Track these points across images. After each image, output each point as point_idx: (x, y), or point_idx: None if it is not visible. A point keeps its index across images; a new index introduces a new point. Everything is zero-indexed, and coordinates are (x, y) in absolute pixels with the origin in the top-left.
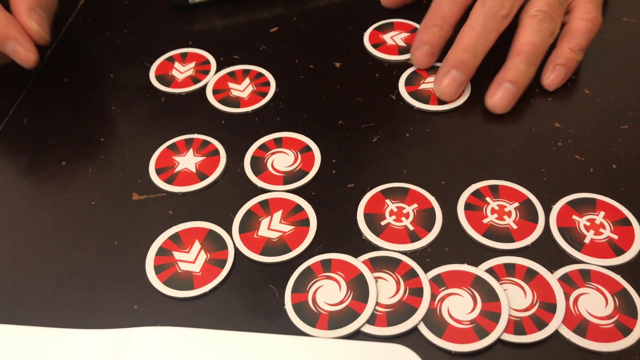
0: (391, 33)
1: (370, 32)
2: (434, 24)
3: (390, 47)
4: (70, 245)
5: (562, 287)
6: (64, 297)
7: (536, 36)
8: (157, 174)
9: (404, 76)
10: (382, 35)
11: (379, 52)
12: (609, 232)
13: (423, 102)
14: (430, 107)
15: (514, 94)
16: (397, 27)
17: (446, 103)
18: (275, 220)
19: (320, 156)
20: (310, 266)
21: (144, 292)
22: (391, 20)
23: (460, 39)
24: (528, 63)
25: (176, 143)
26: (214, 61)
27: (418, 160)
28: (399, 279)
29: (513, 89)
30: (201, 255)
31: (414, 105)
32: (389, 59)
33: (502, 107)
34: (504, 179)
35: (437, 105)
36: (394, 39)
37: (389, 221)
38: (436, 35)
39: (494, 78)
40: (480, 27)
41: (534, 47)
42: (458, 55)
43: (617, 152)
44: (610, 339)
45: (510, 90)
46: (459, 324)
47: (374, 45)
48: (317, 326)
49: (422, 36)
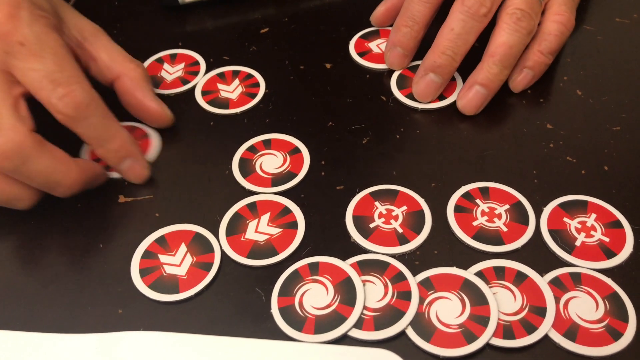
0: (377, 41)
1: (356, 41)
2: (404, 24)
3: (377, 56)
4: (55, 248)
5: (552, 291)
6: (49, 301)
7: (512, 37)
8: None
9: (394, 78)
10: (367, 43)
11: (365, 60)
12: (600, 234)
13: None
14: (432, 105)
15: (485, 97)
16: (383, 35)
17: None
18: (263, 222)
19: (309, 158)
20: (298, 269)
21: (129, 295)
22: (377, 28)
23: (439, 41)
24: (501, 66)
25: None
26: (204, 62)
27: (408, 162)
28: (387, 282)
29: (484, 91)
30: (187, 259)
31: (417, 107)
32: (375, 68)
33: (472, 110)
34: (494, 181)
35: (439, 101)
36: (380, 47)
37: (377, 224)
38: (406, 36)
39: (467, 79)
40: (459, 29)
41: (509, 49)
42: (435, 58)
43: (609, 154)
44: (600, 343)
45: (481, 93)
46: (448, 328)
47: (360, 53)
48: (304, 330)
49: (394, 37)
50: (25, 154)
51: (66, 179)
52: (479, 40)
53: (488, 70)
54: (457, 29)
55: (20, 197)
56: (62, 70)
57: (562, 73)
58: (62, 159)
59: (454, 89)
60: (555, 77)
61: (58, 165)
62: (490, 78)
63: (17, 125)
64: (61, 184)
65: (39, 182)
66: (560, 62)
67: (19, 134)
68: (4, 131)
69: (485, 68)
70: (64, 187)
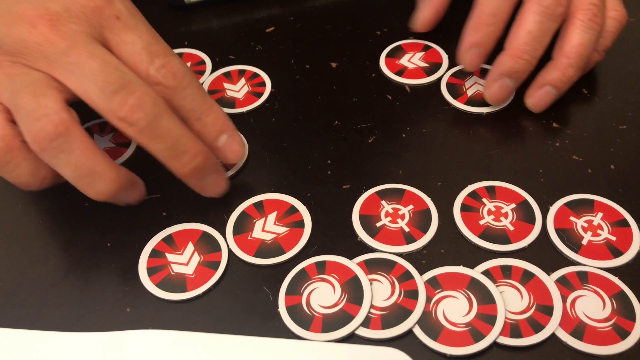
0: (406, 56)
1: (385, 61)
2: (487, 23)
3: (415, 71)
4: (63, 247)
5: (559, 290)
6: (57, 300)
7: (588, 35)
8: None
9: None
10: (397, 61)
11: (405, 79)
12: (606, 233)
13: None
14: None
15: (555, 97)
16: (407, 49)
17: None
18: (270, 221)
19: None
20: (305, 268)
21: (136, 294)
22: (398, 44)
23: (514, 44)
24: (577, 67)
25: None
26: (210, 61)
27: (414, 161)
28: (394, 281)
29: (555, 92)
30: (194, 257)
31: (482, 112)
32: (422, 83)
33: (540, 109)
34: (500, 180)
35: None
36: (412, 61)
37: (384, 223)
38: (489, 35)
39: (538, 76)
40: (536, 30)
41: (585, 50)
42: (512, 63)
43: (616, 153)
44: (607, 342)
45: (552, 93)
46: (455, 326)
47: (397, 73)
48: (311, 329)
49: (473, 38)
50: (70, 141)
51: (105, 175)
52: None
53: (563, 73)
54: (534, 31)
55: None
56: (158, 42)
57: None
58: (104, 155)
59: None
60: None
61: (100, 160)
62: (564, 80)
63: (63, 111)
64: (101, 179)
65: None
66: None
67: (64, 119)
68: (51, 115)
69: (560, 69)
70: (102, 183)
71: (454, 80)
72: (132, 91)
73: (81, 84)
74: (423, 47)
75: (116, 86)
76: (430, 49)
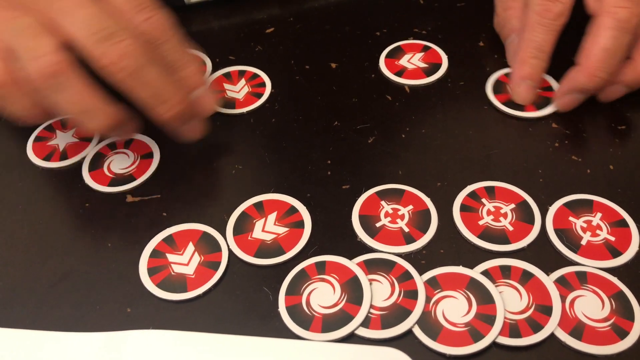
0: (405, 57)
1: (384, 62)
2: (532, 56)
3: (415, 72)
4: (64, 247)
5: (558, 290)
6: (57, 300)
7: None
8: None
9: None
10: (397, 61)
11: (405, 79)
12: (605, 233)
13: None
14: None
15: (581, 101)
16: (407, 50)
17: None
18: (270, 222)
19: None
20: (305, 268)
21: (137, 294)
22: (398, 44)
23: (591, 61)
24: (607, 72)
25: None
26: (210, 62)
27: (414, 161)
28: (393, 281)
29: (582, 97)
30: (195, 258)
31: (516, 115)
32: (421, 84)
33: (567, 110)
34: (500, 180)
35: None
36: (412, 62)
37: (384, 223)
38: (536, 67)
39: (565, 79)
40: (612, 46)
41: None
42: (586, 81)
43: (615, 153)
44: (606, 342)
45: (579, 98)
46: (454, 326)
47: (397, 73)
48: (311, 329)
49: (522, 71)
50: (69, 79)
51: (102, 111)
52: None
53: (590, 78)
54: (611, 47)
55: (101, 112)
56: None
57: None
58: (100, 93)
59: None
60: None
61: (97, 97)
62: (593, 86)
63: (60, 52)
64: (98, 115)
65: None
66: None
67: (62, 59)
68: (50, 55)
69: (589, 73)
70: (99, 118)
71: (503, 78)
72: (121, 39)
73: (73, 29)
74: (422, 48)
75: (106, 33)
76: (430, 49)
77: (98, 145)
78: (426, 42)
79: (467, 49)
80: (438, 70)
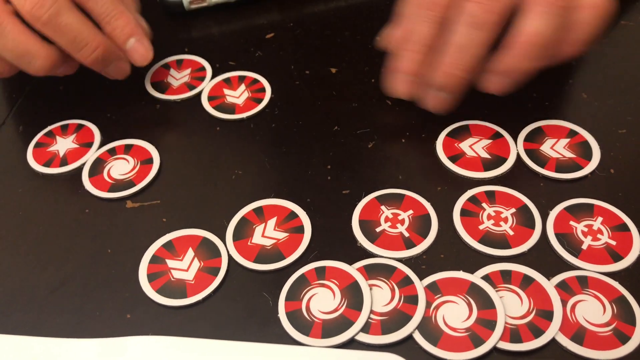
0: (469, 140)
1: (444, 140)
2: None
3: (472, 161)
4: (63, 253)
5: (559, 294)
6: (57, 306)
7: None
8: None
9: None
10: (458, 143)
11: (458, 167)
12: (606, 237)
13: None
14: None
15: (509, 85)
16: (474, 132)
17: None
18: (270, 227)
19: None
20: (305, 274)
21: (137, 300)
22: (466, 123)
23: (445, 59)
24: (530, 59)
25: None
26: (210, 67)
27: (414, 165)
28: (393, 286)
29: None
30: (194, 263)
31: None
32: (473, 177)
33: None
34: (500, 185)
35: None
36: (474, 148)
37: (384, 228)
38: (411, 61)
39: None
40: (464, 42)
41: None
42: (442, 79)
43: (615, 157)
44: (608, 347)
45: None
46: (454, 332)
47: (451, 158)
48: (311, 335)
49: (397, 63)
50: (3, 27)
51: (39, 53)
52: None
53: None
54: (462, 43)
55: (38, 54)
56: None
57: (567, 76)
58: (35, 37)
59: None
60: (561, 80)
61: (32, 41)
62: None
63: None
64: (36, 57)
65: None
66: (565, 65)
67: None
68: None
69: (512, 58)
70: (38, 61)
71: None
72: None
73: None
74: (493, 135)
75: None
76: None
77: (98, 151)
78: None
79: None
80: None
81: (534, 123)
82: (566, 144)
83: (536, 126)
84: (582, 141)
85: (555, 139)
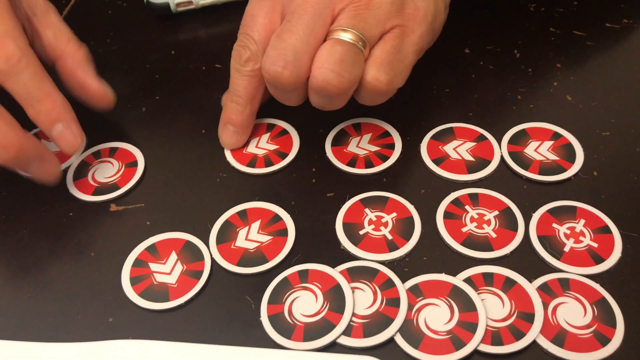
0: (453, 143)
1: (428, 142)
2: (230, 100)
3: (455, 163)
4: (46, 257)
5: (540, 297)
6: (39, 310)
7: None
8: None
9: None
10: (442, 146)
11: (442, 170)
12: (589, 240)
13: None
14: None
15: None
16: (458, 135)
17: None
18: (253, 230)
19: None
20: (287, 277)
21: (119, 304)
22: (450, 125)
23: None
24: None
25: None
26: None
27: (398, 168)
28: (376, 289)
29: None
30: (177, 267)
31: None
32: (456, 179)
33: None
34: (483, 187)
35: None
36: (458, 151)
37: (367, 230)
38: (234, 111)
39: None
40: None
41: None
42: (227, 114)
43: (599, 159)
44: (588, 349)
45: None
46: (436, 334)
47: (435, 160)
48: (293, 338)
49: (223, 115)
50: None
51: (5, 139)
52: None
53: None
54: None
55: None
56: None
57: (552, 79)
58: (8, 119)
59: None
60: (545, 83)
61: (2, 123)
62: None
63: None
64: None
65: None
66: (550, 67)
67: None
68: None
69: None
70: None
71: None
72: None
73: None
74: (477, 137)
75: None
76: None
77: (83, 155)
78: None
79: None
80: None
81: (518, 125)
82: (550, 147)
83: (520, 128)
84: (566, 144)
85: (539, 142)
